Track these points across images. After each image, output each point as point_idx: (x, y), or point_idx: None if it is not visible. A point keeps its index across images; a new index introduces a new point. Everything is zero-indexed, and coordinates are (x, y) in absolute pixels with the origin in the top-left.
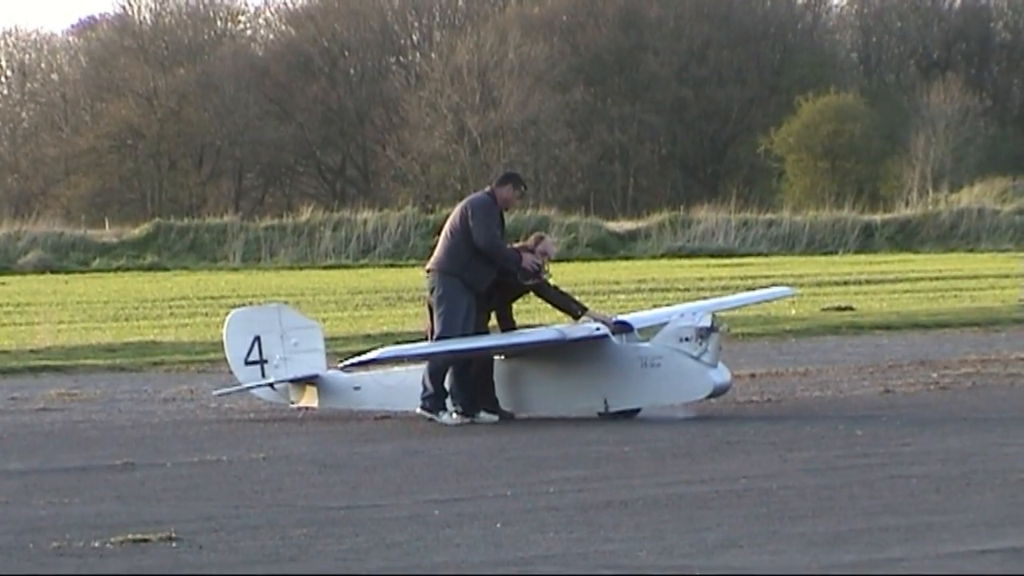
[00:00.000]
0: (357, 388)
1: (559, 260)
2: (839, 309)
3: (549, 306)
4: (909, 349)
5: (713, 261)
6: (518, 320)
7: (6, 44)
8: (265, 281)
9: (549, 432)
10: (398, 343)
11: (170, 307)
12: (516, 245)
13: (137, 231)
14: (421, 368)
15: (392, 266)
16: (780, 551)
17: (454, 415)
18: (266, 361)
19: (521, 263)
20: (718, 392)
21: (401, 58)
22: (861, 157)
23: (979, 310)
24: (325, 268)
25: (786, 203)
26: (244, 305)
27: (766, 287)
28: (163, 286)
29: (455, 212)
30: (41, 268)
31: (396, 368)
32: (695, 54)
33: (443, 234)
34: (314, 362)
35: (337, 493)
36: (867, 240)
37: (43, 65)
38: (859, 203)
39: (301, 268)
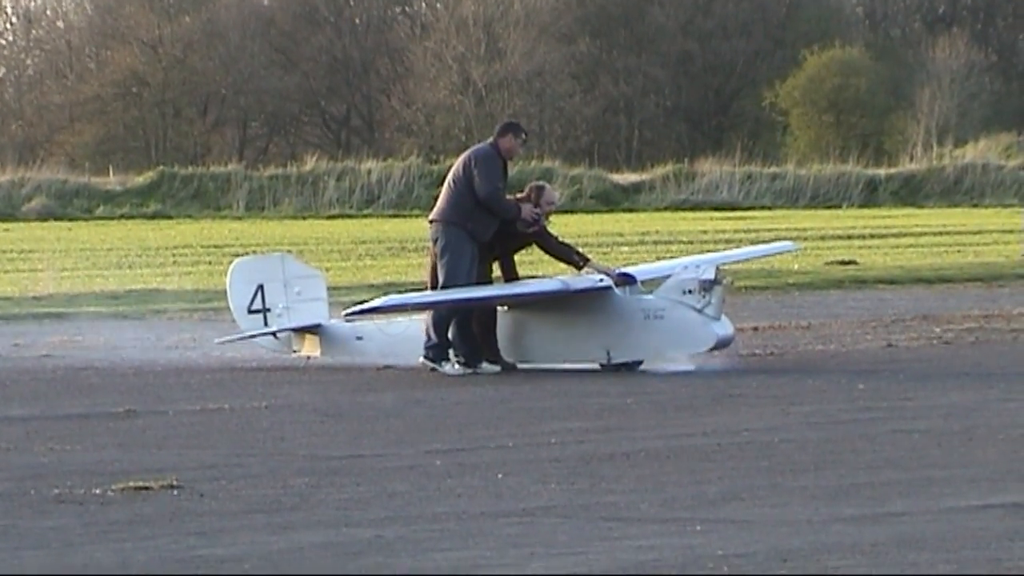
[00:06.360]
0: (360, 338)
1: (563, 211)
2: (842, 263)
3: (551, 258)
4: (912, 304)
5: (717, 214)
6: (521, 271)
7: None
8: (269, 230)
9: (551, 383)
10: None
11: (173, 255)
12: (519, 196)
13: (141, 179)
14: (423, 318)
15: (396, 216)
16: (781, 504)
17: (456, 365)
18: (269, 310)
19: (520, 214)
20: (721, 345)
21: (407, 8)
22: (866, 111)
23: (982, 265)
24: (329, 218)
25: (790, 157)
26: (247, 254)
27: (769, 241)
28: (167, 234)
29: (458, 162)
30: (45, 215)
31: (399, 318)
32: (701, 7)
33: (446, 184)
34: (317, 311)
35: (339, 442)
36: (871, 194)
37: (48, 12)
38: (863, 157)
39: (305, 218)
